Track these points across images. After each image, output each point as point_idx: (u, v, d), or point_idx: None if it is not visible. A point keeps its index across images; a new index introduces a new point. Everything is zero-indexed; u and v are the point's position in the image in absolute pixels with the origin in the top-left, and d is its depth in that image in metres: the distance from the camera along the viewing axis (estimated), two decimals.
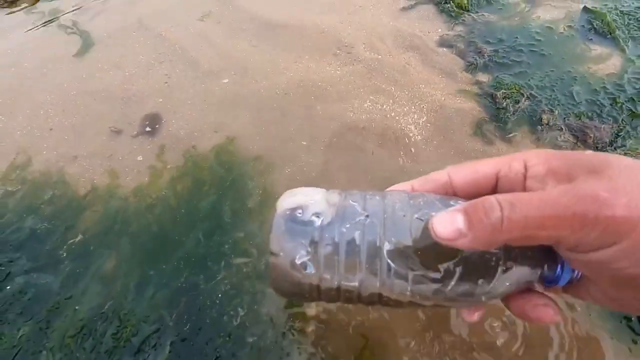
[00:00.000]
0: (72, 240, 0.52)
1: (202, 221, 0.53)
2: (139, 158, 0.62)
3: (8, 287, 0.48)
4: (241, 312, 0.44)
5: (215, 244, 0.51)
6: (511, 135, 0.62)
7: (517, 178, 0.21)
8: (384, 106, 0.70)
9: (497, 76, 0.71)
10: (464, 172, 0.23)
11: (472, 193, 0.23)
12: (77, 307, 0.46)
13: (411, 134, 0.65)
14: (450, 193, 0.24)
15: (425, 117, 0.67)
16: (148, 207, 0.56)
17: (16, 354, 0.43)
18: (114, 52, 0.84)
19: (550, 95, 0.67)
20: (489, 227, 0.19)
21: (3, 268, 0.49)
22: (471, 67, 0.73)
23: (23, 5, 0.99)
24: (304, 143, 0.64)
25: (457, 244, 0.20)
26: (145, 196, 0.57)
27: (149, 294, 0.47)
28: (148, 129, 0.68)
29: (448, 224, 0.20)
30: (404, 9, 0.88)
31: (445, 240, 0.20)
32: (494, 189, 0.22)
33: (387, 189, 0.25)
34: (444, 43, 0.78)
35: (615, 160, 0.19)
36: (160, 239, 0.52)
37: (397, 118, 0.67)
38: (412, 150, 0.63)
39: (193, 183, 0.58)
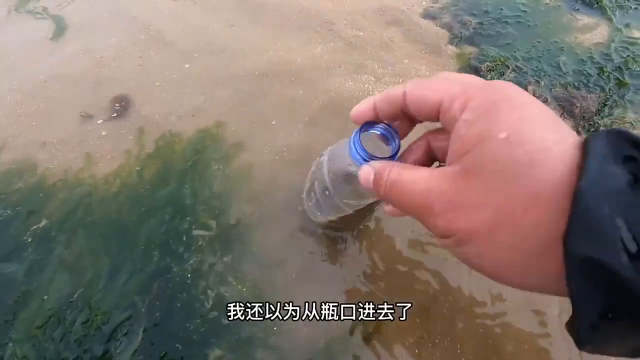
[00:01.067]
0: (35, 226, 0.50)
1: (170, 205, 0.51)
2: (110, 143, 0.60)
3: None
4: (211, 294, 0.42)
5: (178, 225, 0.49)
6: None
7: (452, 118, 0.23)
8: (366, 84, 0.68)
9: (482, 49, 0.69)
10: (416, 94, 0.25)
11: (417, 112, 0.26)
12: (44, 297, 0.44)
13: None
14: (402, 108, 0.27)
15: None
16: (115, 193, 0.53)
17: None
18: (86, 36, 0.81)
19: (537, 67, 0.65)
20: (380, 189, 0.25)
21: None
22: (456, 40, 0.71)
23: None
24: (284, 123, 0.62)
25: (366, 189, 0.27)
26: (113, 182, 0.54)
27: (121, 280, 0.45)
28: (120, 113, 0.65)
29: (364, 175, 0.27)
30: None
31: (361, 185, 0.27)
32: (437, 114, 0.25)
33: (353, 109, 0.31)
34: (428, 16, 0.76)
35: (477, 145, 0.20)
36: (126, 225, 0.50)
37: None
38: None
39: (164, 168, 0.56)
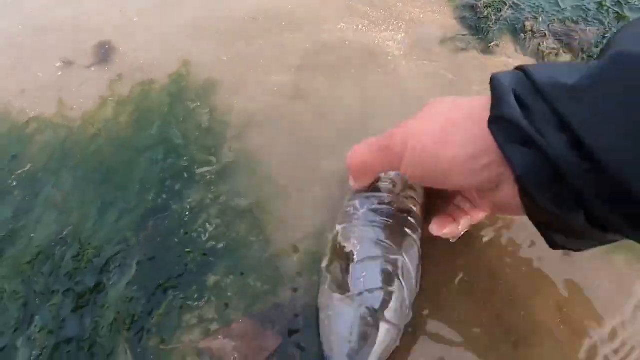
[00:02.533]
0: (20, 171, 0.48)
1: (159, 144, 0.50)
2: (91, 89, 0.57)
3: None
4: (209, 228, 0.41)
5: (173, 163, 0.48)
6: (492, 44, 0.58)
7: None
8: (359, 26, 0.65)
9: None
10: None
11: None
12: (32, 235, 0.43)
13: (389, 51, 0.61)
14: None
15: (403, 34, 0.63)
16: (98, 134, 0.51)
17: None
18: None
19: (534, 3, 0.63)
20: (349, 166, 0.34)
21: None
22: None
23: None
24: (274, 67, 0.60)
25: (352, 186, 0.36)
26: (96, 124, 0.52)
27: (112, 218, 0.44)
28: (102, 59, 0.62)
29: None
30: None
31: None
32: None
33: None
34: None
35: (427, 108, 0.29)
36: (115, 165, 0.48)
37: (374, 35, 0.63)
38: (392, 67, 0.59)
39: (149, 111, 0.54)
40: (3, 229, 0.43)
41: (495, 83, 0.23)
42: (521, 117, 0.20)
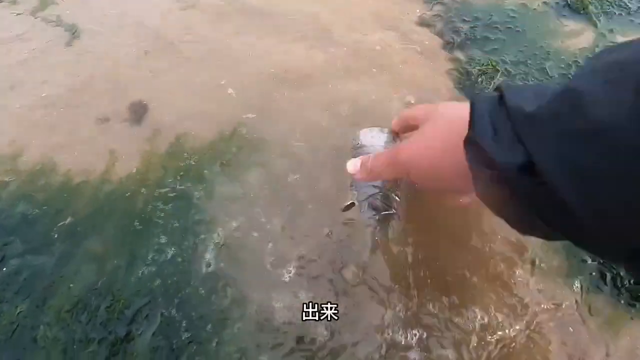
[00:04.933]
0: (61, 223, 0.54)
1: (182, 199, 0.56)
2: (127, 146, 0.64)
3: (4, 269, 0.50)
4: (230, 291, 0.47)
5: (192, 222, 0.54)
6: None
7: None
8: (366, 86, 0.72)
9: (473, 54, 0.73)
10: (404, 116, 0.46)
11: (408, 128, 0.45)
12: (71, 285, 0.49)
13: (394, 113, 0.67)
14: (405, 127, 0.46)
15: (407, 97, 0.69)
16: (131, 191, 0.58)
17: (15, 329, 0.45)
18: (98, 43, 0.85)
19: (524, 71, 0.69)
20: (364, 170, 0.42)
21: None
22: (448, 46, 0.75)
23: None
24: (293, 125, 0.66)
25: (355, 177, 0.43)
26: (129, 182, 0.59)
27: (139, 271, 0.49)
28: (136, 117, 0.69)
29: (352, 165, 0.43)
30: None
31: (350, 173, 0.43)
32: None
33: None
34: (422, 23, 0.80)
35: (430, 118, 0.37)
36: (143, 221, 0.54)
37: (380, 98, 0.69)
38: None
39: (175, 169, 0.60)
40: (46, 279, 0.49)
41: (473, 109, 0.28)
42: (491, 140, 0.25)
